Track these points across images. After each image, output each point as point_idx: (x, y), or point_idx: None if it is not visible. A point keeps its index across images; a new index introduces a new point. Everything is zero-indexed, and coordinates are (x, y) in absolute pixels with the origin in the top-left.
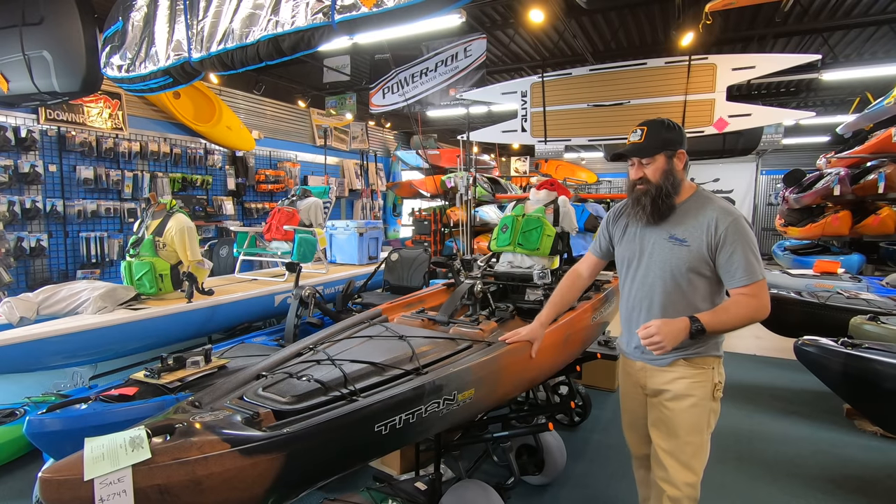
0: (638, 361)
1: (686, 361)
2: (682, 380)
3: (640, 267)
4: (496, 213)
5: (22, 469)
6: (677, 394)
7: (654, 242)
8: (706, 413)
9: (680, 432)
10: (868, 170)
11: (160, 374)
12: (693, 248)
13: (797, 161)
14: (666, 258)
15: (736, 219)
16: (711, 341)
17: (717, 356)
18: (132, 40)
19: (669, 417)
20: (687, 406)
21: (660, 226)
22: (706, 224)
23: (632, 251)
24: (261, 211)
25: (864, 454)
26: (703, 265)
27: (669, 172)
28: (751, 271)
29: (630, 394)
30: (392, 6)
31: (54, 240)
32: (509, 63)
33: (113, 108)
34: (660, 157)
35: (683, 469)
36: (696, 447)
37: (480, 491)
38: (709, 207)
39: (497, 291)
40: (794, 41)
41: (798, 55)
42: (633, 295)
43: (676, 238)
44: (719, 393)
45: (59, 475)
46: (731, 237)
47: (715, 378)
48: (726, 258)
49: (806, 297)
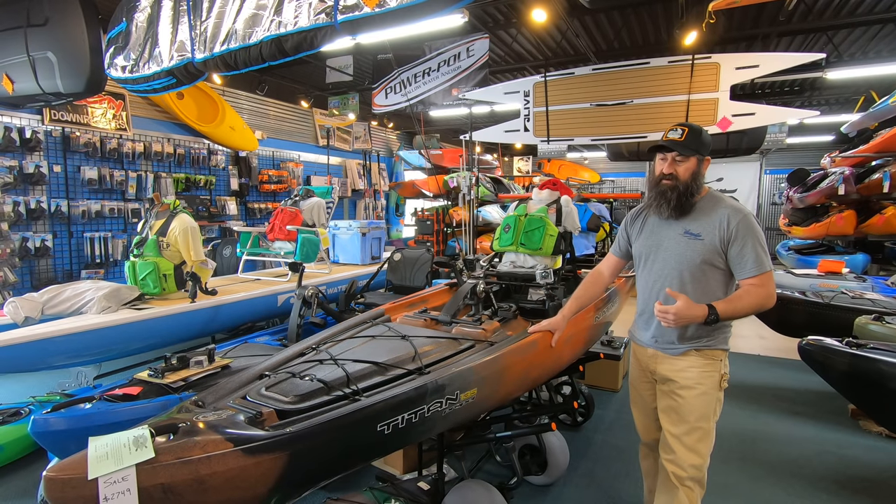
0: (650, 349)
1: (697, 352)
2: (693, 369)
3: (658, 260)
4: (499, 212)
5: (27, 468)
6: (686, 382)
7: (671, 237)
8: (713, 402)
9: (690, 418)
10: (873, 169)
11: (164, 373)
12: (706, 242)
13: (801, 160)
14: (682, 251)
15: (746, 216)
16: (721, 335)
17: (724, 349)
18: (136, 41)
19: (680, 405)
20: (697, 394)
21: (677, 221)
22: (718, 220)
23: (648, 246)
24: (264, 211)
25: (868, 455)
26: (716, 257)
27: (697, 174)
28: (759, 263)
29: (639, 378)
30: (394, 6)
31: (59, 240)
32: (512, 63)
33: (117, 109)
34: (693, 159)
35: (690, 452)
36: (703, 433)
37: (483, 491)
38: (721, 206)
39: (500, 291)
40: (799, 40)
41: (802, 54)
42: (651, 286)
43: (691, 233)
44: (725, 384)
45: (64, 474)
46: (741, 232)
47: (722, 369)
48: (737, 251)
49: (810, 296)
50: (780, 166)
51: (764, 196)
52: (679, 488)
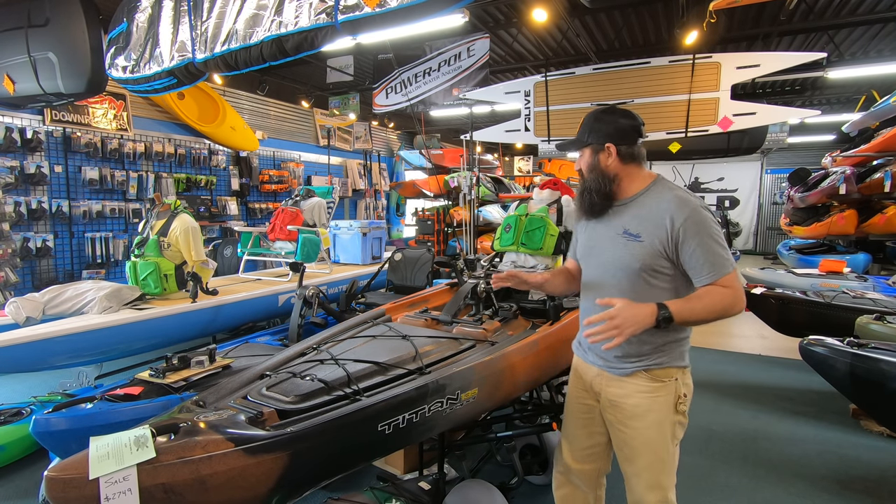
0: (594, 367)
1: (646, 373)
2: (640, 394)
3: (592, 266)
4: (499, 212)
5: (28, 468)
6: (635, 411)
7: (607, 237)
8: (669, 427)
9: (644, 452)
10: (874, 168)
11: (165, 373)
12: (646, 244)
13: (802, 160)
14: (618, 255)
15: (693, 209)
16: (675, 351)
17: (681, 367)
18: (136, 41)
19: (631, 437)
20: (647, 424)
21: (610, 219)
22: (661, 217)
23: (584, 246)
24: (264, 211)
25: (870, 454)
26: (660, 262)
27: (595, 167)
28: (718, 265)
29: (578, 398)
30: (395, 6)
31: (60, 240)
32: (512, 62)
33: (118, 109)
34: (587, 150)
35: (651, 490)
36: (662, 464)
37: (484, 491)
38: (664, 199)
39: (500, 291)
40: (800, 39)
41: (803, 53)
42: (589, 293)
43: (629, 233)
44: (684, 406)
45: (65, 474)
46: (690, 231)
47: (680, 390)
48: (689, 254)
49: (811, 296)
50: (781, 166)
51: (765, 196)
52: None
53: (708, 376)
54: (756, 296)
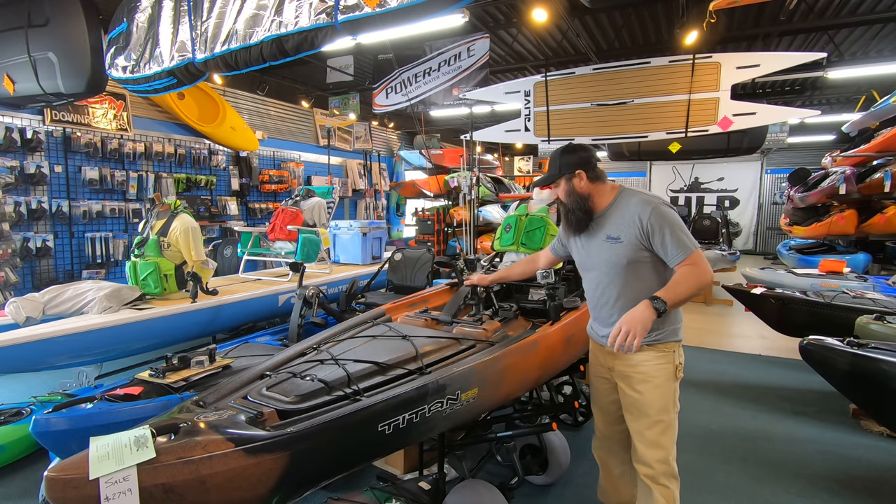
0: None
1: (650, 347)
2: (647, 363)
3: (592, 268)
4: (499, 212)
5: (28, 468)
6: (643, 377)
7: (596, 245)
8: (671, 392)
9: (650, 412)
10: (874, 168)
11: (165, 373)
12: (626, 243)
13: (802, 160)
14: (608, 256)
15: (655, 207)
16: (670, 328)
17: (676, 341)
18: (136, 41)
19: (638, 400)
20: (653, 387)
21: (594, 231)
22: (632, 218)
23: (581, 257)
24: (264, 211)
25: (870, 454)
26: (640, 253)
27: (571, 192)
28: (683, 247)
29: (598, 373)
30: (395, 6)
31: (60, 240)
32: (512, 62)
33: (118, 109)
34: (562, 182)
35: (652, 448)
36: (664, 425)
37: (484, 490)
38: (631, 203)
39: (500, 291)
40: (800, 39)
41: (803, 53)
42: (593, 292)
43: (612, 237)
44: (680, 374)
45: (65, 474)
46: (656, 224)
47: (676, 360)
48: (659, 243)
49: (811, 296)
50: (781, 166)
51: (765, 196)
52: (653, 490)
53: (708, 376)
54: (756, 296)
